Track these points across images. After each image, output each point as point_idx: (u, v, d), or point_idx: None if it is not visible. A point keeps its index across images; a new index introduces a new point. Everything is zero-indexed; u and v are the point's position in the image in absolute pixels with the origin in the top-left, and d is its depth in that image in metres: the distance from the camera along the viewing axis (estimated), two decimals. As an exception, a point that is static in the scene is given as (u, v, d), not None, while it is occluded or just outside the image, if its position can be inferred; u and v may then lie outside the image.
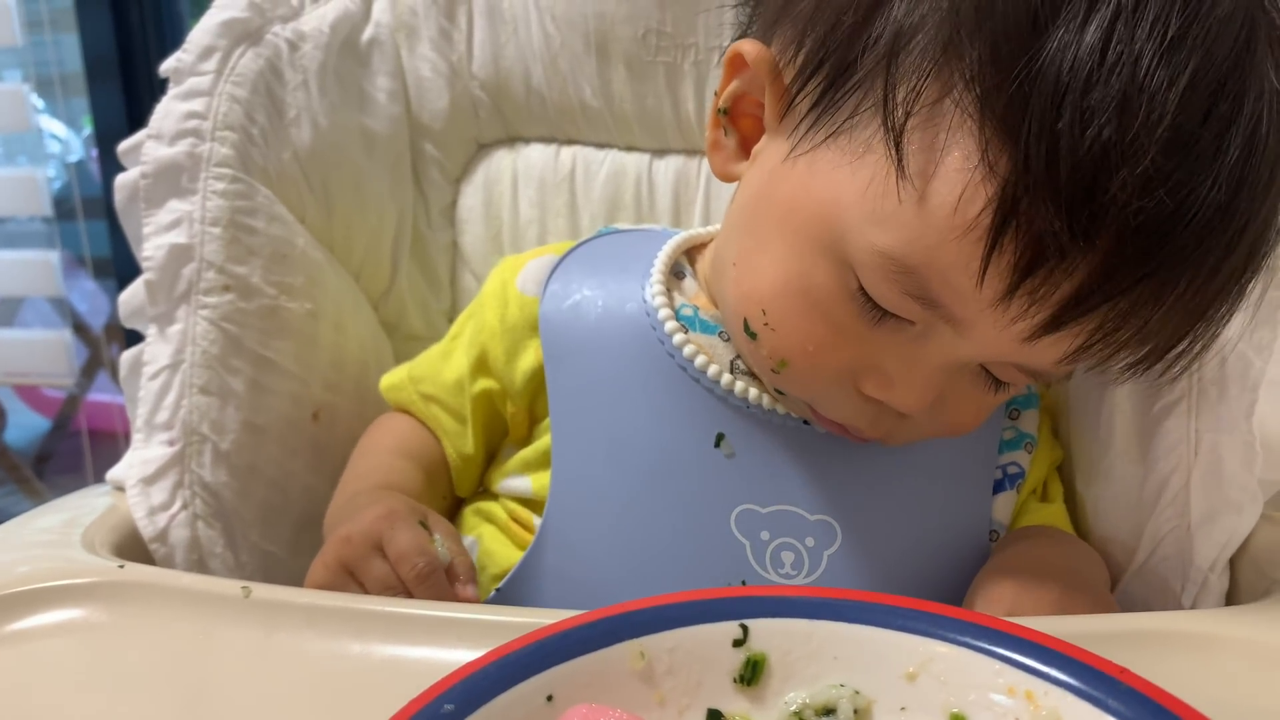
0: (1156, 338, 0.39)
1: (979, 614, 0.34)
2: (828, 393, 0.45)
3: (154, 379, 0.56)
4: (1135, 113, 0.33)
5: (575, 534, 0.49)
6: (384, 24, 0.68)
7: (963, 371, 0.43)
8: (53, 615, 0.43)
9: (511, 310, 0.54)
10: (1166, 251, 0.35)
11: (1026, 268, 0.36)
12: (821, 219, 0.41)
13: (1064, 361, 0.40)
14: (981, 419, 0.47)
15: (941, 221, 0.37)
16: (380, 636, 0.41)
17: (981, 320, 0.39)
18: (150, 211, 0.57)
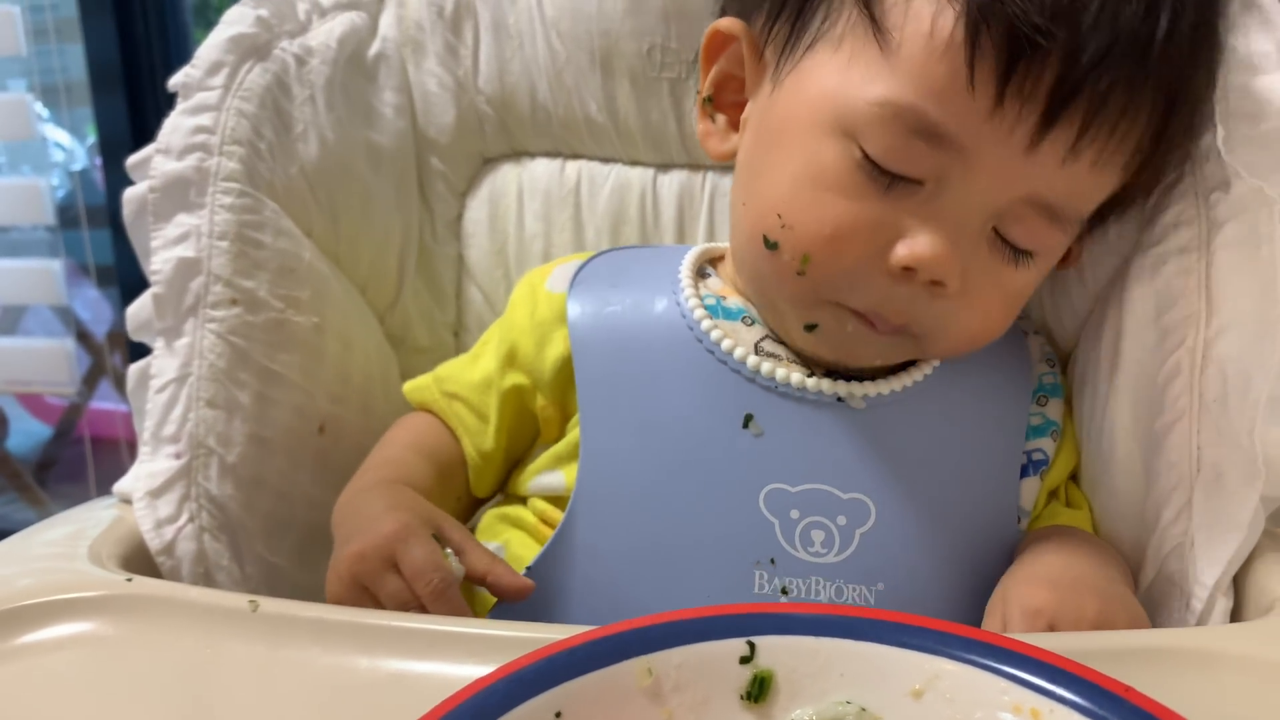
0: (1142, 122, 0.43)
1: (985, 631, 0.34)
2: (854, 278, 0.45)
3: (161, 392, 0.56)
4: None
5: (604, 512, 0.49)
6: (390, 39, 0.69)
7: (980, 241, 0.45)
8: (62, 629, 0.43)
9: (540, 307, 0.55)
10: (1126, 14, 0.40)
11: (1008, 64, 0.40)
12: (817, 109, 0.45)
13: (1067, 165, 0.42)
14: (1010, 312, 0.48)
15: (923, 50, 0.42)
16: (387, 651, 0.41)
17: (983, 140, 0.42)
18: (158, 225, 0.57)
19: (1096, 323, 0.55)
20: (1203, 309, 0.46)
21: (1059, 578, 0.45)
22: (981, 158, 0.42)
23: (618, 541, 0.49)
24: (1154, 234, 0.49)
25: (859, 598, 0.47)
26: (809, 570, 0.47)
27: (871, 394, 0.49)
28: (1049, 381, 0.55)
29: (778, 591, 0.46)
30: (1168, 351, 0.47)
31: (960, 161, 0.43)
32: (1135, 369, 0.49)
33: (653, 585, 0.48)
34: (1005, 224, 0.45)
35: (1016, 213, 0.44)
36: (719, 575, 0.47)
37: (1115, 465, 0.51)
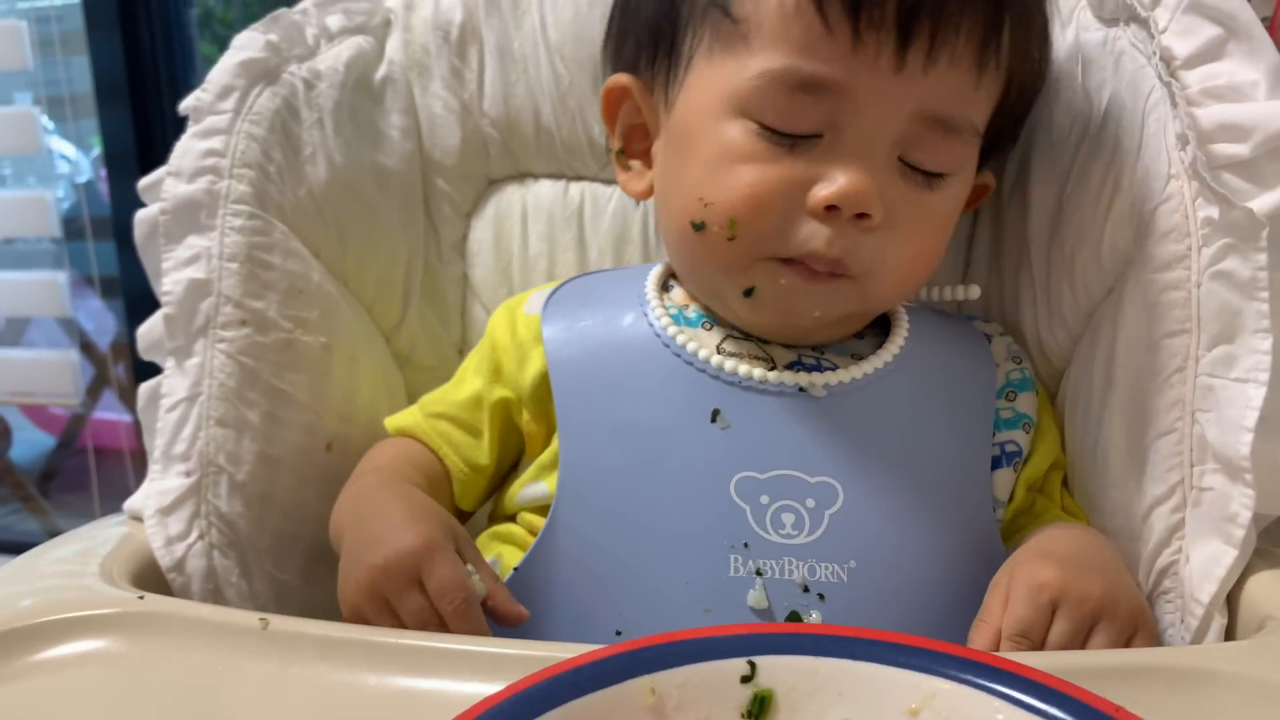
0: (981, 19, 0.47)
1: (981, 652, 0.35)
2: (781, 228, 0.49)
3: (171, 411, 0.57)
4: None
5: (584, 510, 0.51)
6: (397, 63, 0.70)
7: (891, 173, 0.49)
8: (76, 646, 0.44)
9: (519, 328, 0.58)
10: None
11: (853, 1, 0.45)
12: (709, 106, 0.50)
13: (932, 72, 0.47)
14: (940, 238, 0.52)
15: (778, 18, 0.47)
16: (395, 669, 0.42)
17: (856, 75, 0.47)
18: (169, 247, 0.58)
19: (1090, 341, 0.56)
20: (1195, 329, 0.47)
21: (1065, 558, 0.46)
22: (861, 92, 0.47)
23: (598, 536, 0.51)
24: (1146, 254, 0.49)
25: (832, 575, 0.48)
26: (781, 552, 0.48)
27: (832, 382, 0.52)
28: (1016, 377, 0.57)
29: (752, 574, 0.48)
30: (1160, 370, 0.48)
31: (845, 102, 0.47)
32: (1128, 388, 0.50)
33: (633, 575, 0.49)
34: (908, 150, 0.49)
35: (913, 135, 0.48)
36: (695, 562, 0.49)
37: (1109, 482, 0.52)
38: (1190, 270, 0.47)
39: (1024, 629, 0.43)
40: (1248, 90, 0.46)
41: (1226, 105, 0.46)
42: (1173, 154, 0.48)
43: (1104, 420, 0.52)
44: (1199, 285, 0.46)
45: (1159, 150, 0.49)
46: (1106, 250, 0.53)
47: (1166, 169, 0.48)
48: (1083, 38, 0.57)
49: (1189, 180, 0.47)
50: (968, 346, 0.57)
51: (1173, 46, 0.48)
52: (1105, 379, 0.52)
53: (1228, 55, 0.47)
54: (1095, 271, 0.54)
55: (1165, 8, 0.49)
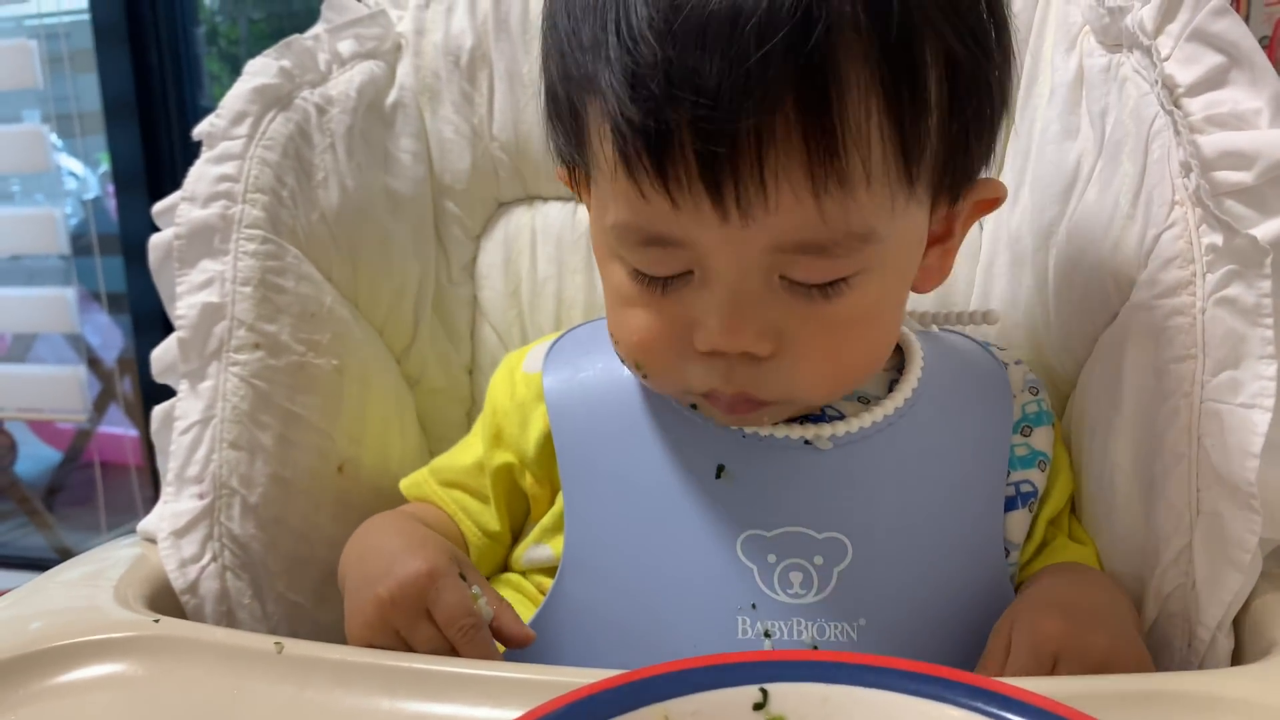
0: (797, 139, 0.40)
1: (990, 680, 0.35)
2: (679, 369, 0.47)
3: (185, 434, 0.58)
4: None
5: (590, 574, 0.51)
6: (408, 87, 0.71)
7: (774, 296, 0.44)
8: (93, 670, 0.45)
9: (519, 388, 0.57)
10: (712, 74, 0.39)
11: (656, 166, 0.42)
12: (596, 237, 0.50)
13: (766, 215, 0.41)
14: (862, 339, 0.47)
15: (610, 175, 0.44)
16: (409, 693, 0.42)
17: (690, 230, 0.43)
18: (183, 271, 0.59)
19: (1095, 365, 0.56)
20: (1200, 355, 0.47)
21: (1070, 609, 0.45)
22: (701, 244, 0.43)
23: (605, 601, 0.50)
24: (1151, 280, 0.50)
25: (841, 635, 0.47)
26: (790, 612, 0.47)
27: (840, 433, 0.50)
28: (1033, 411, 0.55)
29: (760, 635, 0.47)
30: (1166, 396, 0.48)
31: (693, 251, 0.44)
32: (1134, 413, 0.51)
33: (641, 640, 0.49)
34: (784, 270, 0.44)
35: (783, 261, 0.43)
36: (703, 624, 0.48)
37: (1116, 506, 0.52)
38: (1195, 296, 0.47)
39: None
40: (1251, 118, 0.46)
41: (1230, 133, 0.46)
42: (1176, 180, 0.49)
43: (1110, 445, 0.52)
44: (1204, 311, 0.47)
45: (1163, 176, 0.50)
46: (1111, 276, 0.53)
47: (1171, 195, 0.49)
48: (1086, 63, 0.57)
49: (1193, 207, 0.48)
50: (984, 380, 0.55)
51: (1175, 74, 0.49)
52: (1111, 404, 0.52)
53: (1230, 83, 0.47)
54: (1100, 297, 0.55)
55: (1168, 35, 0.50)
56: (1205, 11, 0.48)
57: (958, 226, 0.51)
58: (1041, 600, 0.47)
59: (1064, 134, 0.58)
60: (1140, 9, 0.51)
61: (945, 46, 0.42)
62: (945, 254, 0.51)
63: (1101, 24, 0.55)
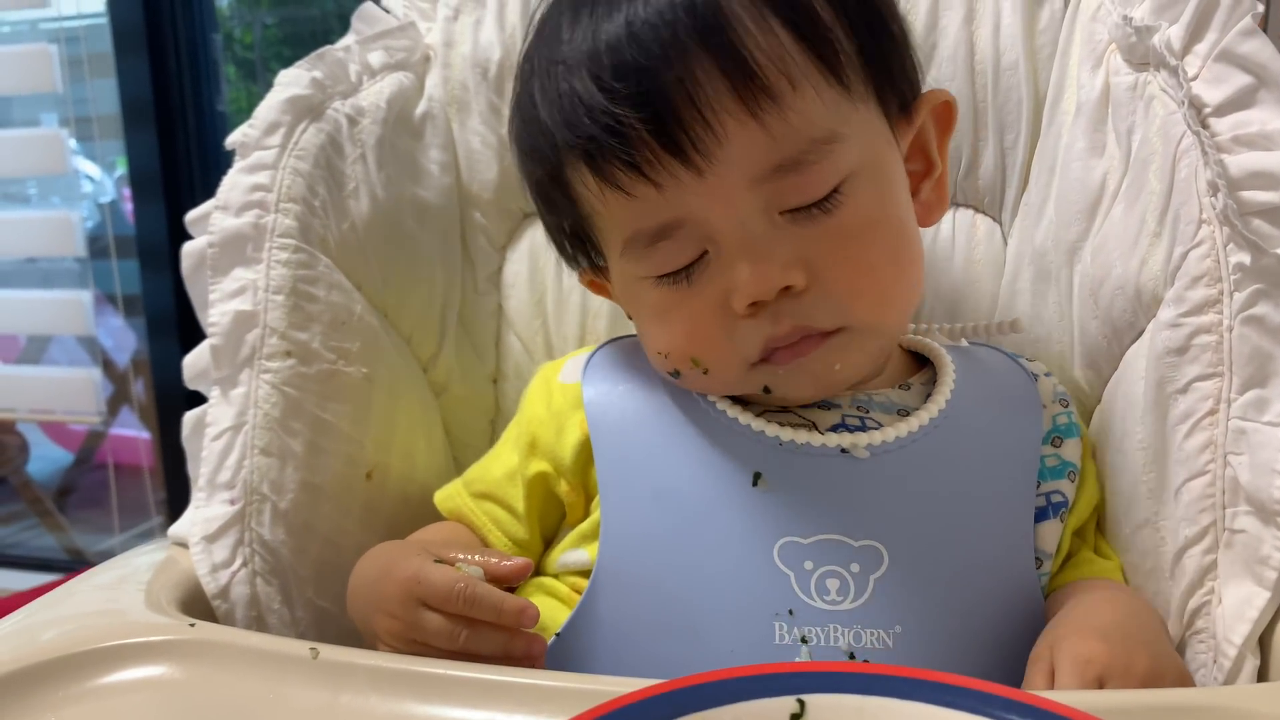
0: (705, 84, 0.47)
1: (1025, 693, 0.35)
2: (736, 342, 0.50)
3: (217, 439, 0.59)
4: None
5: (625, 579, 0.51)
6: (437, 99, 0.72)
7: (782, 233, 0.48)
8: (131, 672, 0.45)
9: (555, 397, 0.57)
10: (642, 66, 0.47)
11: (625, 160, 0.48)
12: (620, 279, 0.55)
13: (733, 153, 0.47)
14: (877, 235, 0.50)
15: (602, 204, 0.51)
16: (443, 699, 0.43)
17: (680, 203, 0.48)
18: (216, 279, 0.60)
19: (1122, 382, 0.56)
20: (1227, 372, 0.47)
21: (1109, 630, 0.46)
22: (695, 211, 0.48)
23: (640, 604, 0.50)
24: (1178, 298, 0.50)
25: (877, 641, 0.48)
26: (826, 619, 0.48)
27: (876, 443, 0.51)
28: (1063, 422, 0.56)
29: (797, 641, 0.48)
30: (1191, 414, 0.48)
31: (694, 225, 0.48)
32: (1160, 429, 0.51)
33: (676, 645, 0.49)
34: (780, 203, 0.48)
35: (771, 194, 0.48)
36: (739, 630, 0.48)
37: (1140, 522, 0.52)
38: (1222, 315, 0.47)
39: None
40: (1278, 139, 0.47)
41: (1257, 153, 0.47)
42: (1203, 199, 0.49)
43: (1135, 461, 0.52)
44: (1231, 330, 0.47)
45: (1190, 195, 0.50)
46: (1136, 293, 0.54)
47: (1198, 214, 0.49)
48: (1112, 81, 0.58)
49: (1220, 226, 0.48)
50: (1015, 391, 0.57)
51: (1203, 94, 0.49)
52: (1137, 420, 0.53)
53: (1258, 104, 0.48)
54: (1126, 313, 0.55)
55: (1196, 56, 0.50)
56: (1234, 32, 0.49)
57: (934, 154, 0.55)
58: (1079, 623, 0.47)
59: (1090, 151, 0.59)
60: (1167, 29, 0.52)
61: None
62: (938, 185, 0.56)
63: (1128, 43, 0.56)
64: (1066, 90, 0.63)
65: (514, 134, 0.56)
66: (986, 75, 0.67)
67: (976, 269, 0.68)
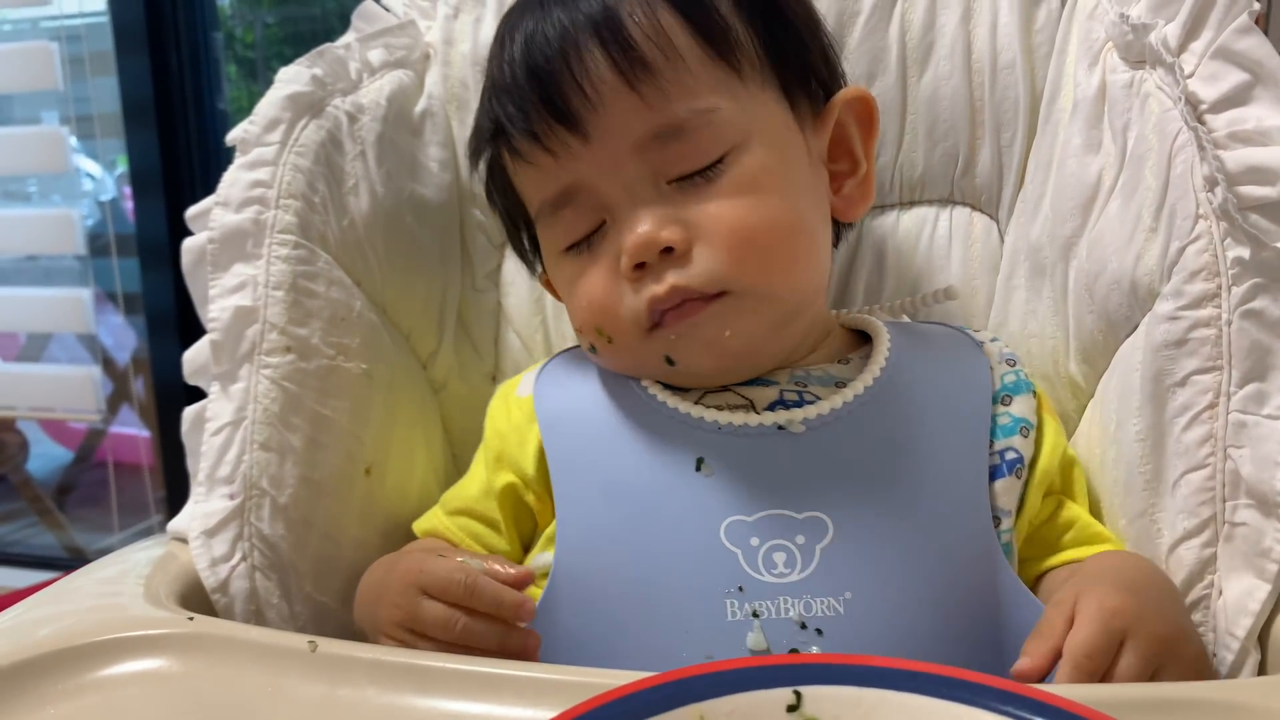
0: (585, 57, 0.52)
1: (1021, 685, 0.35)
2: (629, 307, 0.52)
3: (216, 434, 0.59)
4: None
5: (582, 570, 0.52)
6: (436, 96, 0.72)
7: (665, 198, 0.52)
8: (129, 665, 0.46)
9: (514, 412, 0.59)
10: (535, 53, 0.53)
11: (524, 129, 0.54)
12: (547, 259, 0.59)
13: (613, 120, 0.52)
14: (761, 207, 0.52)
15: (512, 171, 0.57)
16: (441, 692, 0.43)
17: (571, 169, 0.53)
18: (216, 275, 0.60)
19: (1115, 375, 0.56)
20: (1226, 366, 0.48)
21: (1135, 588, 0.46)
22: (586, 176, 0.53)
23: (596, 596, 0.51)
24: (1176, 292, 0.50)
25: (828, 609, 0.48)
26: (775, 591, 0.49)
27: (812, 416, 0.53)
28: (1010, 380, 0.57)
29: (749, 616, 0.48)
30: (1191, 407, 0.49)
31: (586, 191, 0.53)
32: (1158, 423, 0.51)
33: (634, 630, 0.50)
34: (667, 171, 0.52)
35: (656, 162, 0.52)
36: (693, 610, 0.49)
37: (1137, 514, 0.52)
38: (1221, 309, 0.48)
39: (1091, 651, 0.42)
40: (1275, 135, 0.47)
41: (1254, 149, 0.47)
42: (1200, 195, 0.49)
43: (1131, 453, 0.53)
44: (1230, 324, 0.47)
45: (1186, 191, 0.50)
46: (1132, 287, 0.54)
47: (1195, 209, 0.49)
48: (1109, 79, 0.58)
49: (1217, 221, 0.48)
50: (959, 356, 0.58)
51: (1199, 91, 0.49)
52: (1134, 413, 0.53)
53: (1255, 100, 0.48)
54: (1121, 308, 0.55)
55: (1192, 53, 0.50)
56: (1230, 30, 0.49)
57: (858, 152, 0.58)
58: (1108, 578, 0.47)
59: (1086, 148, 0.59)
60: (1164, 26, 0.52)
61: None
62: (862, 183, 0.59)
63: (1125, 40, 0.56)
64: (1063, 88, 0.63)
65: (470, 149, 0.62)
66: (984, 74, 0.67)
67: (973, 266, 0.69)
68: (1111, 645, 0.43)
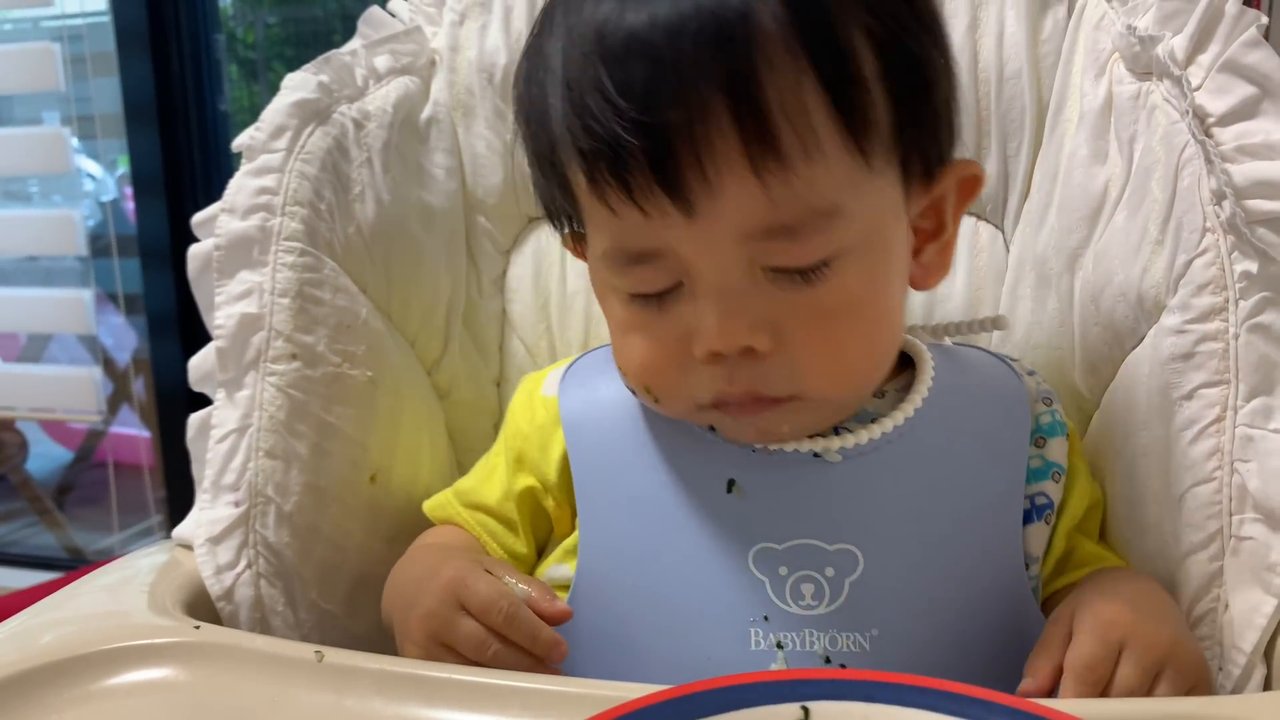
0: (731, 133, 0.43)
1: (1028, 701, 0.35)
2: (687, 381, 0.48)
3: (222, 441, 0.59)
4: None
5: (604, 586, 0.51)
6: (442, 103, 0.72)
7: (759, 290, 0.46)
8: (136, 675, 0.46)
9: (538, 412, 0.57)
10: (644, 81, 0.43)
11: (618, 178, 0.44)
12: (594, 278, 0.52)
13: (729, 204, 0.44)
14: (855, 318, 0.47)
15: (588, 203, 0.47)
16: (448, 703, 0.43)
17: (665, 237, 0.45)
18: (222, 281, 0.60)
19: (1121, 387, 0.57)
20: (1233, 380, 0.48)
21: (1135, 600, 0.46)
22: (678, 246, 0.45)
23: (616, 614, 0.51)
24: (1183, 305, 0.50)
25: (853, 645, 0.48)
26: (801, 624, 0.48)
27: (849, 445, 0.51)
28: (1046, 421, 0.55)
29: (773, 647, 0.48)
30: (1197, 420, 0.49)
31: (674, 259, 0.46)
32: (1164, 436, 0.51)
33: (654, 653, 0.49)
34: (765, 260, 0.45)
35: (758, 250, 0.45)
36: (715, 637, 0.48)
37: (1146, 529, 0.52)
38: (1228, 323, 0.48)
39: (1091, 663, 0.42)
40: None
41: (1262, 162, 0.47)
42: (1207, 208, 0.49)
43: (1139, 467, 0.53)
44: (1237, 338, 0.47)
45: (1193, 204, 0.50)
46: (1138, 299, 0.54)
47: (1202, 222, 0.50)
48: (1115, 90, 0.58)
49: (1225, 234, 0.49)
50: (999, 390, 0.55)
51: (1206, 104, 0.49)
52: (1139, 426, 0.53)
53: (1262, 114, 0.48)
54: (1127, 320, 0.55)
55: (1199, 66, 0.50)
56: (1238, 43, 0.49)
57: (948, 218, 0.52)
58: (1103, 591, 0.47)
59: (1092, 159, 0.59)
60: (1171, 39, 0.52)
61: (865, 24, 0.45)
62: (943, 249, 0.53)
63: (1131, 52, 0.56)
64: (1069, 99, 0.63)
65: (518, 80, 0.51)
66: (990, 84, 0.67)
67: (979, 276, 0.69)
68: (1110, 656, 0.43)
